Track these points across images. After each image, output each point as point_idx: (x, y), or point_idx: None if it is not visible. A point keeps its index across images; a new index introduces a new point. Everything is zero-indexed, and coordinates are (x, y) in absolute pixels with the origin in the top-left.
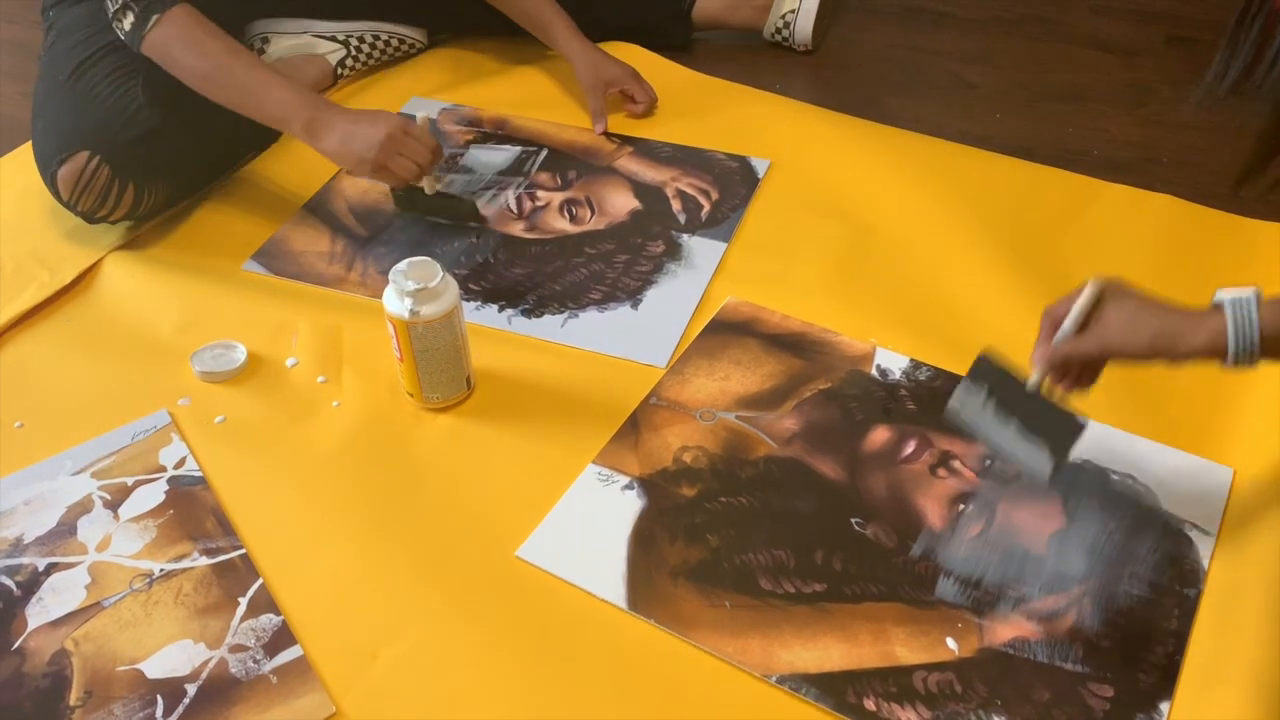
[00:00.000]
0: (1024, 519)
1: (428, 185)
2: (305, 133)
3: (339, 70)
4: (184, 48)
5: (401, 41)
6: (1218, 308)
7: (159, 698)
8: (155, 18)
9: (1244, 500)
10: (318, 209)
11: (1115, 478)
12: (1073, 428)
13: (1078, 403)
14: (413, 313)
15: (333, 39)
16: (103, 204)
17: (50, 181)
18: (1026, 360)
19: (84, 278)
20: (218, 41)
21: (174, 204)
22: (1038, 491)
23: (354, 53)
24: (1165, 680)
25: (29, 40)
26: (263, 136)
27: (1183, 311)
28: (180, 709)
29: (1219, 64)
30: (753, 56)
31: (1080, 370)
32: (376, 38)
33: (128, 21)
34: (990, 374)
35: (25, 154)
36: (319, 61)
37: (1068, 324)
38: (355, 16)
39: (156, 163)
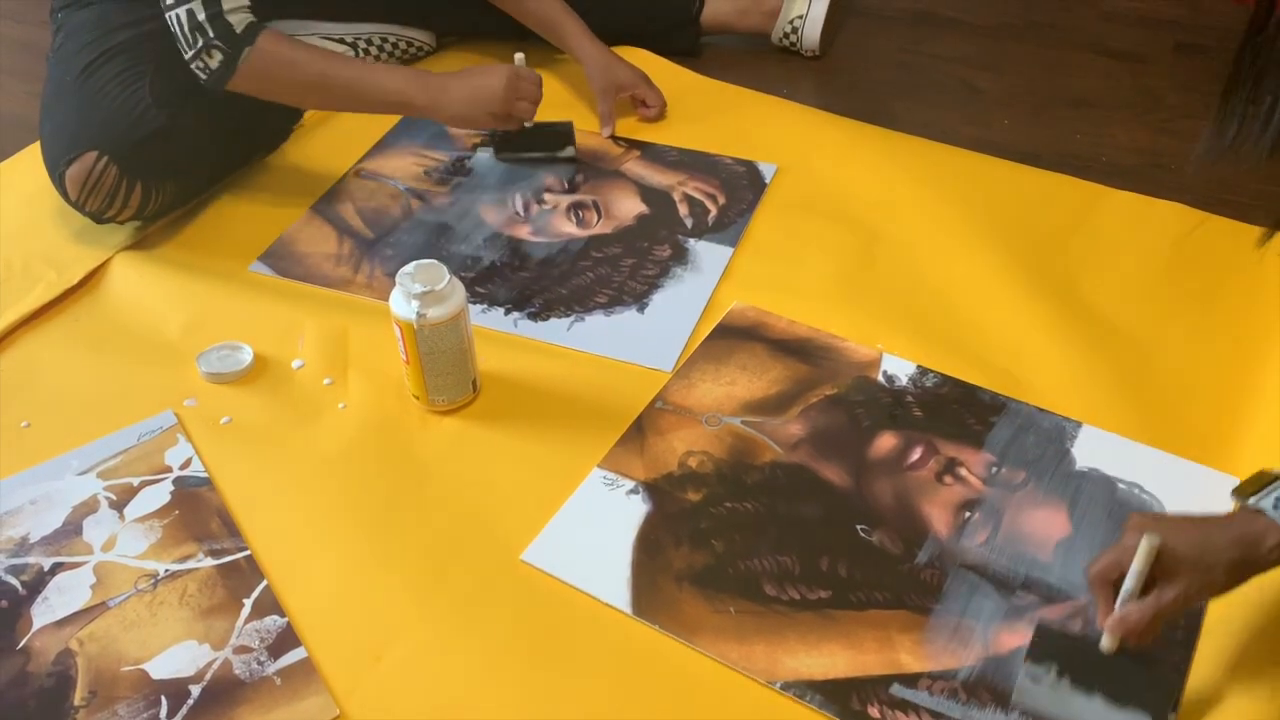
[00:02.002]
0: (1030, 527)
1: (526, 121)
2: (430, 106)
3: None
4: (282, 71)
5: (410, 44)
6: (1258, 512)
7: (163, 698)
8: (247, 51)
9: None
10: (325, 210)
11: (1122, 487)
12: (1165, 683)
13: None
14: (419, 315)
15: (341, 41)
16: (110, 204)
17: (58, 181)
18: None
19: (91, 278)
20: (310, 52)
21: (181, 204)
22: (1044, 499)
23: (362, 56)
24: (1166, 691)
25: (35, 40)
26: (270, 137)
27: (1236, 530)
28: (184, 710)
29: (1215, 125)
30: (760, 61)
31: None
32: (385, 40)
33: (214, 61)
34: (1054, 646)
35: (33, 154)
36: None
37: (1130, 584)
38: (363, 19)
39: (164, 163)
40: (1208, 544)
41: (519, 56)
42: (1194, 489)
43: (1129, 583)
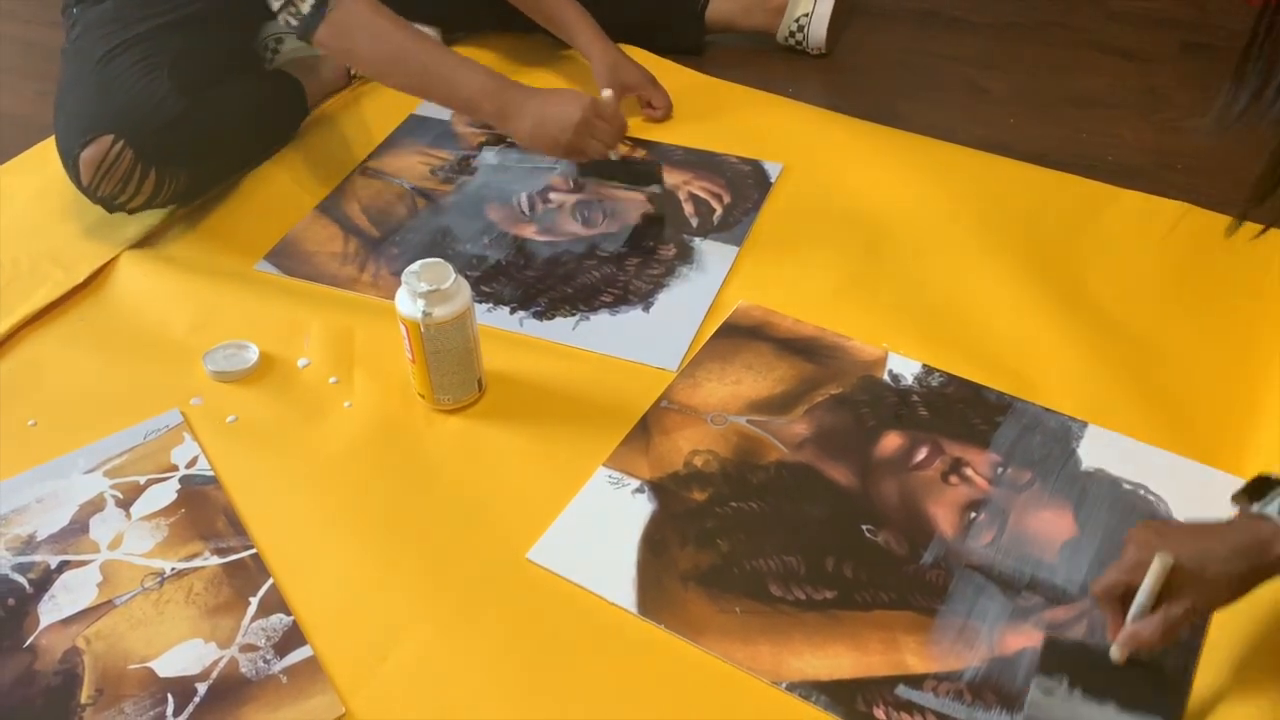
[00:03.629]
0: (1036, 528)
1: (613, 153)
2: (497, 116)
3: (352, 70)
4: (366, 32)
5: None
6: (1264, 519)
7: (169, 696)
8: (335, 1)
9: None
10: (331, 209)
11: (1127, 488)
12: (1177, 689)
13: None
14: (425, 314)
15: None
16: (123, 190)
17: (71, 165)
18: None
19: (97, 276)
20: (399, 27)
21: (194, 195)
22: (1050, 500)
23: None
24: (1176, 693)
25: (43, 40)
26: (286, 129)
27: (1241, 539)
28: (190, 708)
29: (1228, 92)
30: (766, 60)
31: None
32: None
33: (306, 6)
34: (1065, 657)
35: (40, 153)
36: (332, 61)
37: (1142, 599)
38: None
39: (180, 150)
40: (1211, 556)
41: (607, 93)
42: (1200, 490)
43: (1141, 598)
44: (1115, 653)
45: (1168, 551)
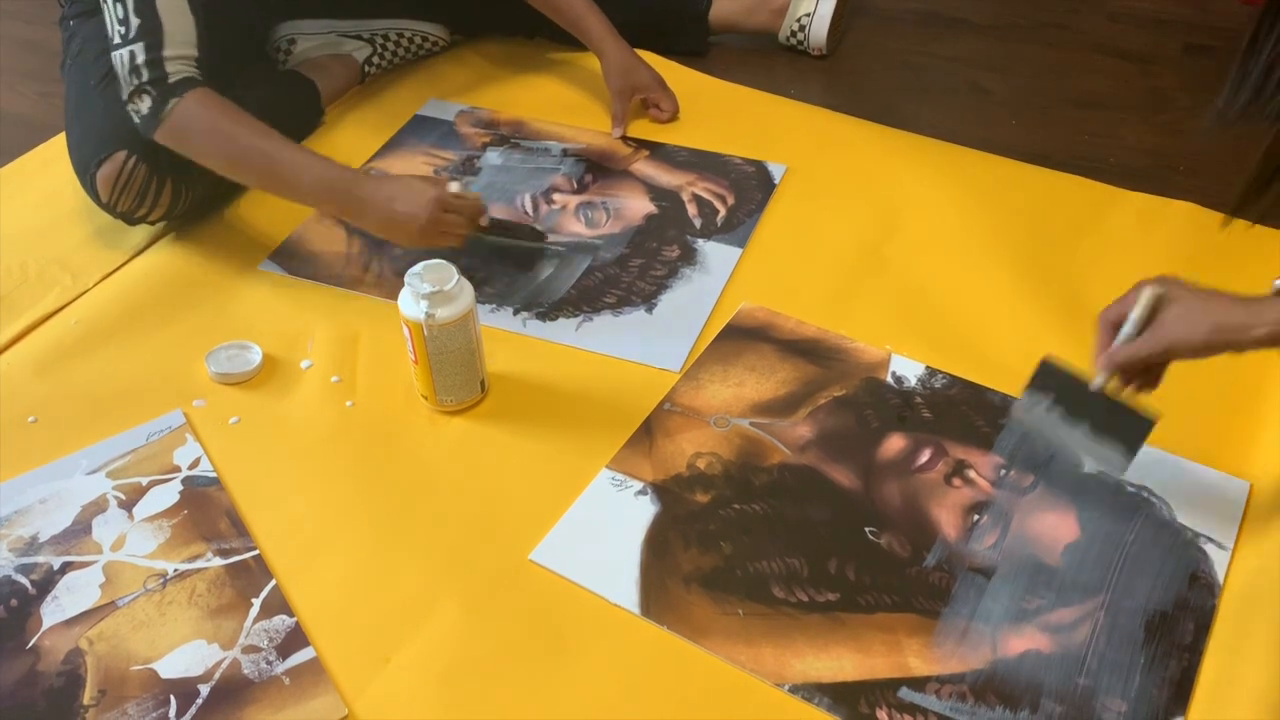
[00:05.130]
0: (1039, 530)
1: (483, 220)
2: (342, 214)
3: (366, 68)
4: (203, 136)
5: (425, 39)
6: (1278, 294)
7: (172, 698)
8: (174, 102)
9: (1260, 514)
10: None
11: (1130, 490)
12: (1142, 424)
13: (1145, 400)
14: (428, 315)
15: (358, 37)
16: (141, 203)
17: (89, 184)
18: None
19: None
20: (237, 124)
21: (211, 203)
22: (1053, 502)
23: (380, 50)
24: (1179, 695)
25: (45, 41)
26: (302, 130)
27: (1242, 301)
28: (193, 709)
29: (1230, 88)
30: (767, 61)
31: (1144, 372)
32: (401, 35)
33: (144, 106)
34: (1054, 379)
35: (44, 155)
36: (347, 60)
37: (1128, 328)
38: (377, 14)
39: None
40: (1204, 301)
41: (454, 185)
42: (1203, 492)
43: (1126, 327)
44: (1097, 378)
45: (1161, 285)
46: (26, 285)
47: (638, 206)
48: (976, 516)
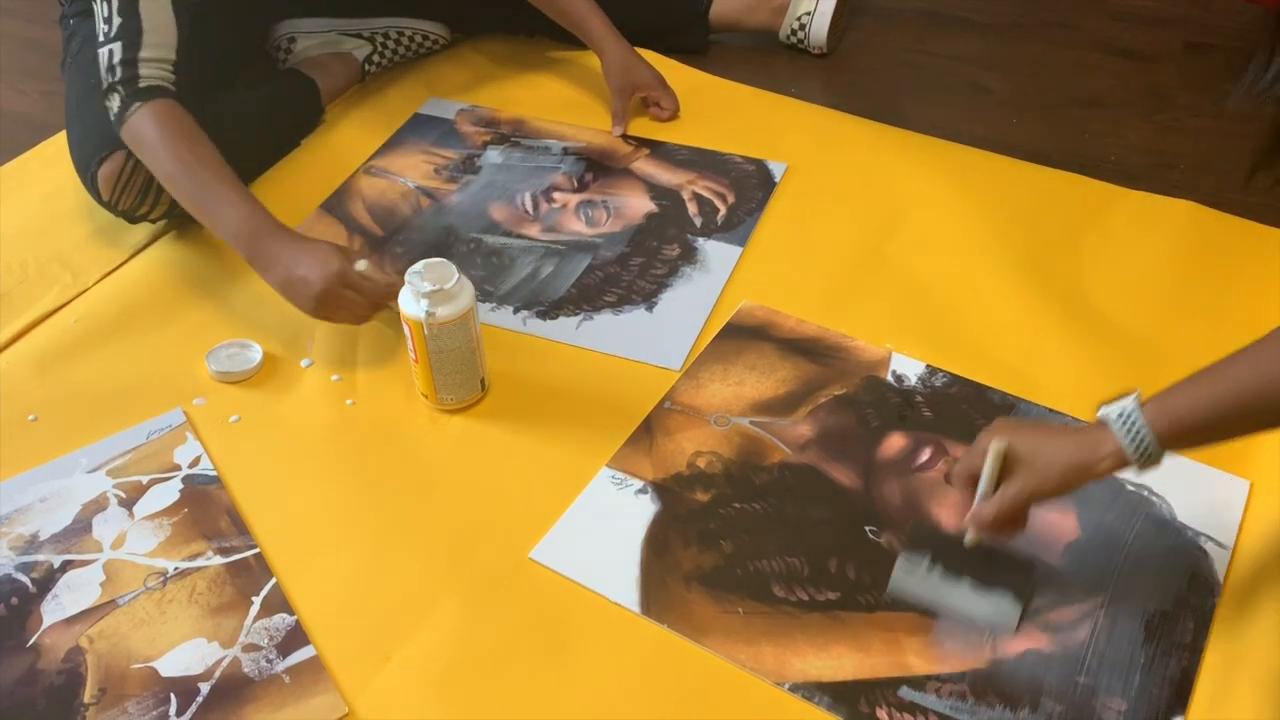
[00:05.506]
0: (1039, 529)
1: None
2: (250, 261)
3: (366, 66)
4: (148, 148)
5: (425, 37)
6: (1104, 424)
7: (172, 696)
8: (136, 106)
9: (1260, 513)
10: (335, 208)
11: (1130, 489)
12: (1027, 570)
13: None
14: (428, 314)
15: (358, 35)
16: (142, 201)
17: (90, 182)
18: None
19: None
20: (180, 143)
21: None
22: (1052, 502)
23: (380, 49)
24: (1179, 694)
25: (47, 39)
26: (303, 128)
27: (1078, 437)
28: (193, 708)
29: (1255, 67)
30: (768, 59)
31: (1010, 521)
32: (401, 33)
33: (114, 104)
34: (927, 539)
35: (45, 154)
36: (347, 59)
37: (983, 487)
38: (377, 12)
39: None
40: (1047, 448)
41: (362, 264)
42: (1203, 491)
43: (981, 485)
44: (968, 536)
45: (1003, 438)
46: (27, 283)
47: (638, 205)
48: None
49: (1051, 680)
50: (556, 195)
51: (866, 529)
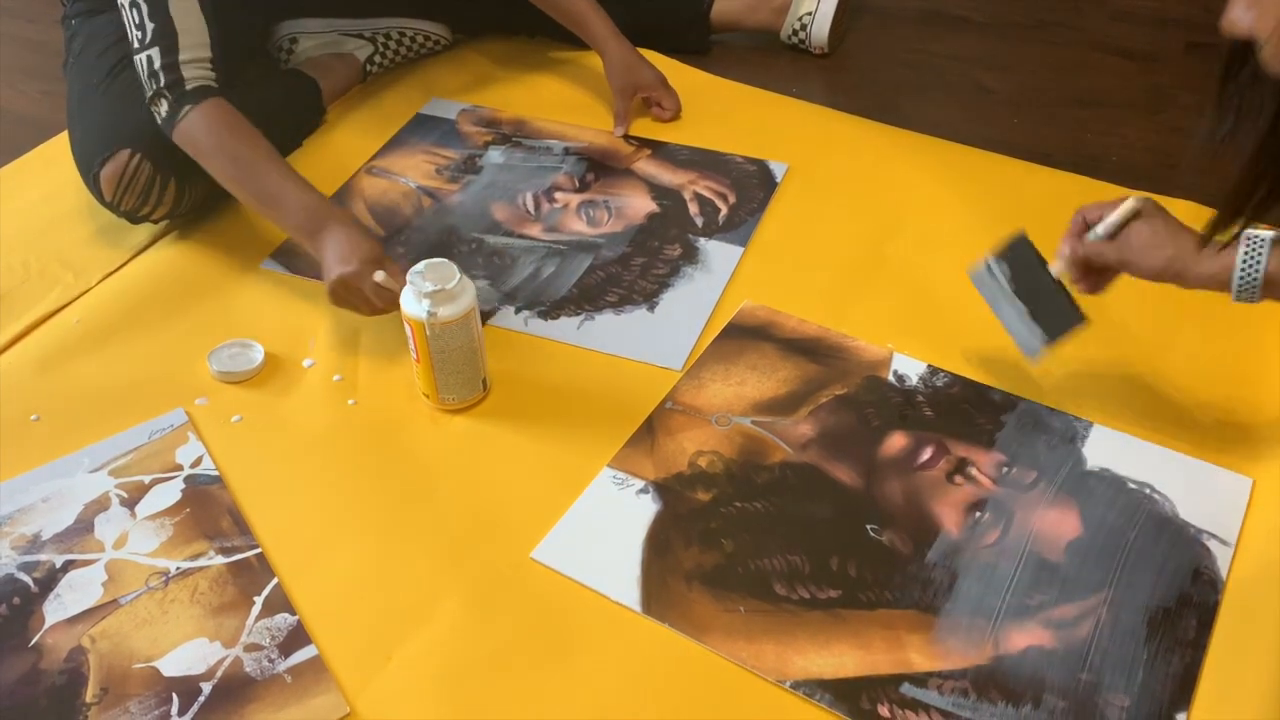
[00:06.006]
0: (1041, 527)
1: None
2: (311, 249)
3: (367, 67)
4: (213, 145)
5: (427, 38)
6: (1237, 242)
7: (174, 696)
8: (187, 109)
9: (1263, 510)
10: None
11: (1133, 487)
12: (1072, 319)
13: (1088, 304)
14: (430, 314)
15: (360, 36)
16: (145, 201)
17: (93, 183)
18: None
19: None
20: (246, 143)
21: (213, 202)
22: (1055, 499)
23: (381, 49)
24: (1182, 691)
25: (48, 39)
26: (305, 129)
27: (1194, 246)
28: (195, 707)
29: (1210, 120)
30: (769, 59)
31: (1099, 274)
32: (403, 34)
33: (162, 109)
34: (1019, 254)
35: (47, 154)
36: (348, 59)
37: (1101, 229)
38: (380, 13)
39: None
40: (1169, 236)
41: (378, 275)
42: (1206, 488)
43: (1100, 227)
44: (1056, 264)
45: (1142, 202)
46: (29, 284)
47: (639, 205)
48: (978, 514)
49: (1054, 676)
50: (558, 195)
51: (868, 527)
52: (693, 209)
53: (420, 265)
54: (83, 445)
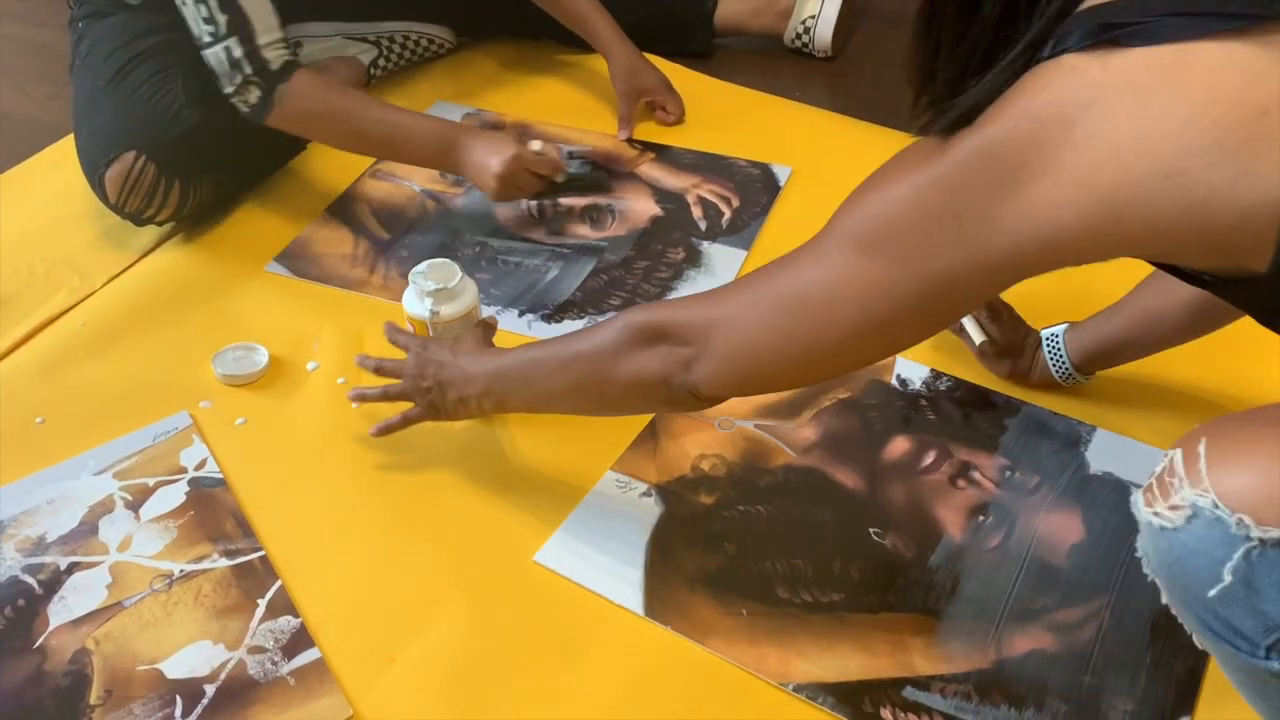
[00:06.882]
0: (1044, 530)
1: (559, 176)
2: (450, 163)
3: (372, 71)
4: (317, 118)
5: (431, 41)
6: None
7: (178, 698)
8: (282, 88)
9: None
10: (341, 211)
11: (1135, 490)
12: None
13: None
14: (432, 313)
15: (364, 40)
16: (150, 203)
17: (98, 184)
18: None
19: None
20: (347, 100)
21: (218, 205)
22: (1057, 503)
23: (385, 53)
24: (1185, 694)
25: (55, 43)
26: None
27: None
28: (199, 709)
29: (910, 105)
30: (772, 63)
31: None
32: (407, 38)
33: (253, 96)
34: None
35: (53, 157)
36: (352, 63)
37: (976, 339)
38: (384, 17)
39: (201, 160)
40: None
41: (535, 145)
42: None
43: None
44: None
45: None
46: (34, 286)
47: (643, 209)
48: (981, 517)
49: (1057, 680)
50: (561, 199)
51: (870, 531)
52: (696, 212)
53: (422, 265)
54: (87, 448)
